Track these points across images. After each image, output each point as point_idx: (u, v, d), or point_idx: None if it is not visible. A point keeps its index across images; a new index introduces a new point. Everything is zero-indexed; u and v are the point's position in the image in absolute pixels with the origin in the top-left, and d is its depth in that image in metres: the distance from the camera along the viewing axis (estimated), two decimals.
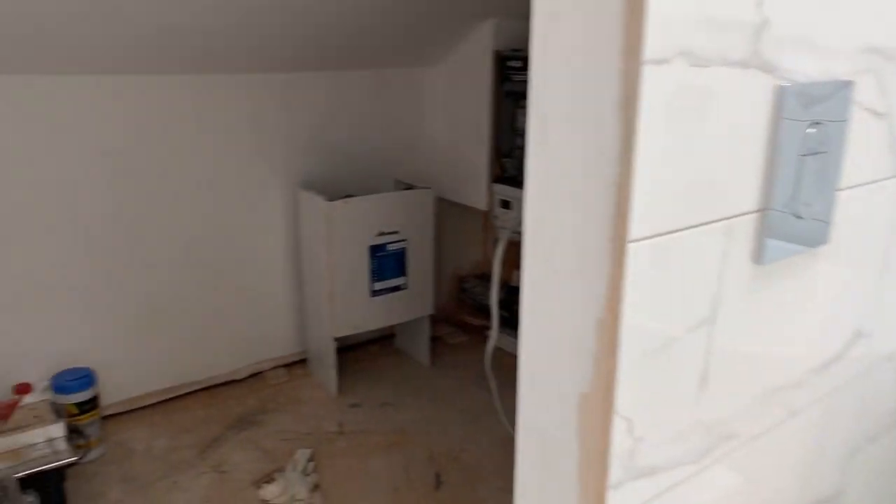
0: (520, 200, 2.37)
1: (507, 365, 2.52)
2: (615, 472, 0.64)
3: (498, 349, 2.70)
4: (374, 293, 2.34)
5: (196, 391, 2.36)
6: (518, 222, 2.39)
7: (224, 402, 2.32)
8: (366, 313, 2.35)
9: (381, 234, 2.30)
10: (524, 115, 2.37)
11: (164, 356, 2.29)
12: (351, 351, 2.61)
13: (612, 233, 0.59)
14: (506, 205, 2.42)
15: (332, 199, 2.21)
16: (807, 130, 0.70)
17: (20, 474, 1.64)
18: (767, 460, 0.84)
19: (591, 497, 0.65)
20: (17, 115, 1.89)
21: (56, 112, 1.95)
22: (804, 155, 0.71)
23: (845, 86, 0.73)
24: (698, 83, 0.59)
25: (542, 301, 0.67)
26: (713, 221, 0.65)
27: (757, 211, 0.69)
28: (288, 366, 2.55)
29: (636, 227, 0.58)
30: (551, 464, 0.68)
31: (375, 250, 2.30)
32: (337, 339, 2.32)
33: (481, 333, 2.85)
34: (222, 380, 2.42)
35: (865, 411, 1.00)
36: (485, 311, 2.94)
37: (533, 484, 0.72)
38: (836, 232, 0.79)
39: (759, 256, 0.70)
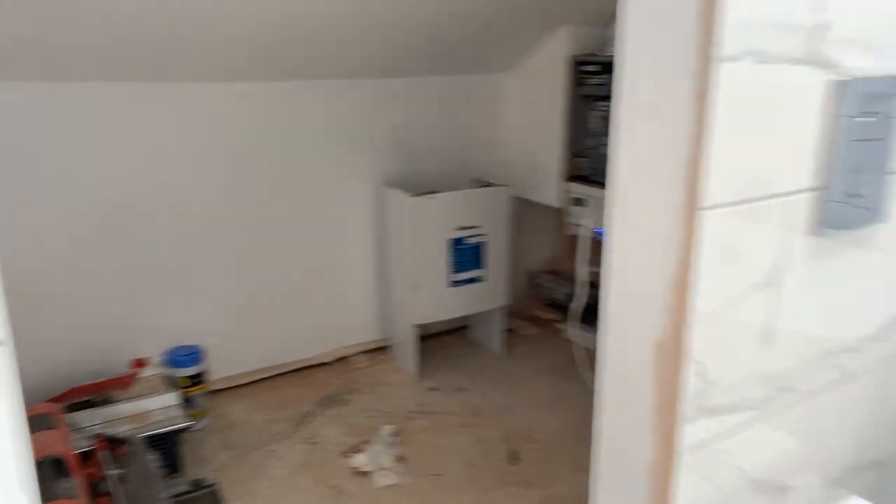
0: (593, 198, 2.48)
1: (574, 357, 2.64)
2: (687, 409, 0.76)
3: (566, 341, 2.81)
4: (454, 284, 2.49)
5: (288, 372, 2.56)
6: (592, 219, 2.49)
7: (314, 383, 2.50)
8: (445, 302, 2.50)
9: (461, 228, 2.45)
10: (597, 117, 2.48)
11: (262, 339, 2.49)
12: (429, 340, 2.76)
13: (686, 203, 0.71)
14: (579, 202, 2.53)
15: (415, 195, 2.37)
16: (862, 120, 0.80)
17: (144, 434, 1.86)
18: (824, 418, 0.93)
19: (665, 429, 0.77)
20: (150, 119, 2.13)
21: (182, 116, 2.18)
22: (860, 141, 0.81)
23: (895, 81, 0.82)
24: (764, 78, 0.70)
25: (625, 262, 0.79)
26: (774, 196, 0.76)
27: (816, 189, 0.79)
28: (371, 352, 2.72)
29: (706, 199, 0.70)
30: (629, 401, 0.80)
31: (455, 243, 2.45)
32: (417, 327, 2.48)
33: (552, 327, 2.96)
34: (312, 363, 2.61)
35: None
36: (556, 307, 3.05)
37: (612, 421, 0.84)
38: (892, 212, 0.88)
39: (817, 229, 0.81)
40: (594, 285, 2.85)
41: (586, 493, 0.89)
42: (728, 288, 0.76)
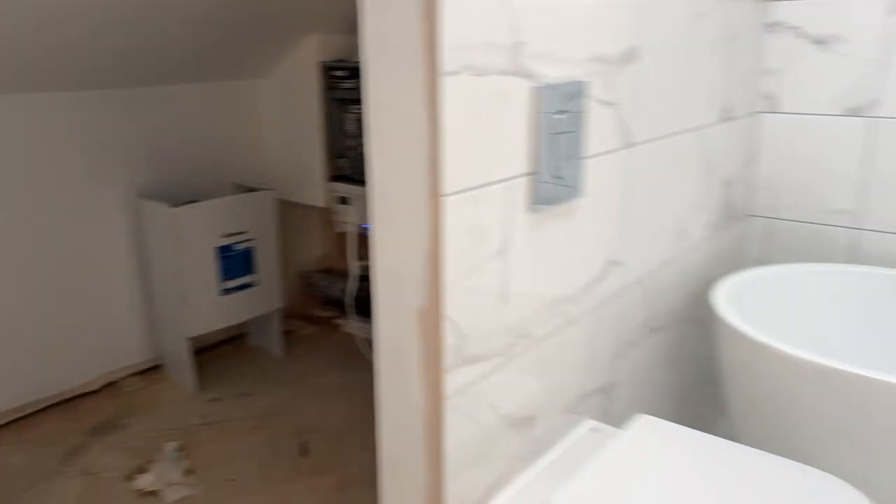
0: (356, 196, 2.62)
1: (356, 348, 2.77)
2: (448, 361, 0.92)
3: (345, 335, 2.94)
4: (225, 291, 2.47)
5: (50, 406, 2.36)
6: (358, 215, 2.64)
7: (82, 414, 2.34)
8: (218, 311, 2.48)
9: (227, 235, 2.45)
10: (352, 119, 2.62)
11: (13, 374, 2.27)
12: (205, 352, 2.71)
13: (431, 191, 0.86)
14: (344, 201, 2.65)
15: (175, 205, 2.32)
16: (557, 116, 1.02)
17: None
18: (556, 355, 1.16)
19: (432, 380, 0.92)
20: None
21: None
22: (557, 134, 1.02)
23: (581, 84, 1.05)
24: (480, 87, 0.87)
25: (388, 247, 0.93)
26: (498, 182, 0.94)
27: (529, 174, 0.99)
28: (142, 372, 2.60)
29: (446, 187, 0.86)
30: (402, 361, 0.94)
31: (223, 251, 2.44)
32: (191, 341, 2.43)
33: (329, 324, 3.06)
34: (76, 392, 2.43)
35: (625, 321, 1.36)
36: (331, 304, 3.15)
37: (390, 382, 0.97)
38: (587, 188, 1.12)
39: (533, 206, 1.01)
40: (365, 278, 3.01)
41: (375, 469, 1.01)
42: (471, 259, 0.92)
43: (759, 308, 1.59)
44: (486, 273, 0.95)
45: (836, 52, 1.66)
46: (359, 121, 2.58)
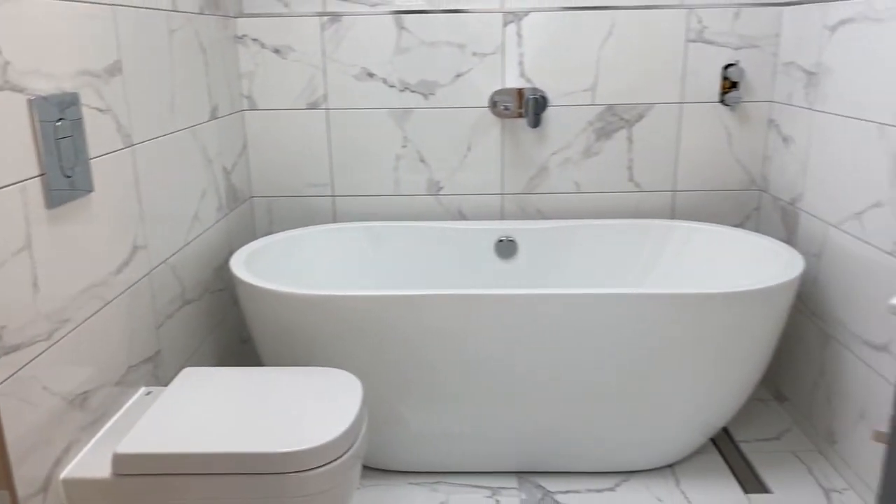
0: None
1: None
2: None
3: None
4: None
5: None
6: None
7: None
8: None
9: None
10: None
11: None
12: None
13: None
14: None
15: None
16: (57, 124, 1.16)
17: None
18: (99, 335, 1.30)
19: None
20: None
21: None
22: (60, 139, 1.17)
23: (73, 95, 1.21)
24: None
25: None
26: (11, 185, 1.05)
27: (40, 175, 1.12)
28: None
29: None
30: None
31: None
32: None
33: None
34: None
35: (160, 297, 1.56)
36: None
37: None
38: (99, 185, 1.28)
39: (51, 203, 1.14)
40: None
41: None
42: None
43: (269, 266, 1.96)
44: (14, 268, 1.06)
45: (291, 59, 2.10)
46: None
